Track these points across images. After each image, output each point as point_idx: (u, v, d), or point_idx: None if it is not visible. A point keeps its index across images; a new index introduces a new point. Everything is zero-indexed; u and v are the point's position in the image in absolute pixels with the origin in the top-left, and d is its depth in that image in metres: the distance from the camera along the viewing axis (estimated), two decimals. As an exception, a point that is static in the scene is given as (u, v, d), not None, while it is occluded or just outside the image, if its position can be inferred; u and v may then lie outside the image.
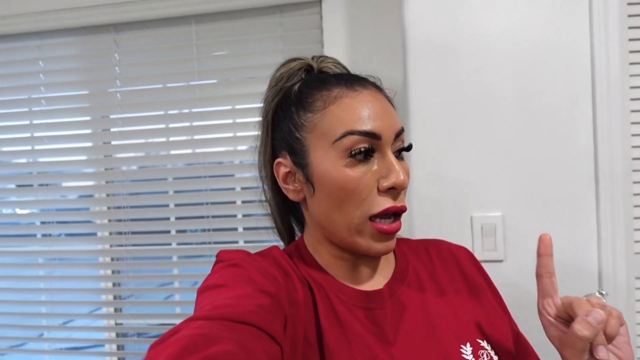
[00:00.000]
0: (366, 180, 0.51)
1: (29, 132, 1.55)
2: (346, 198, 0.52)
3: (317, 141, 0.54)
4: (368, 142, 0.52)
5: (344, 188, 0.51)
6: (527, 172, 0.95)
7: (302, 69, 0.60)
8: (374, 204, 0.52)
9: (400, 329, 0.54)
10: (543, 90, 0.95)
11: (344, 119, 0.52)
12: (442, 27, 0.98)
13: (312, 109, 0.55)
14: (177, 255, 1.50)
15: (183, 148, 1.47)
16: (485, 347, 0.56)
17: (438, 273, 0.63)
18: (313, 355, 0.50)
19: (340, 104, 0.53)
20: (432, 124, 0.98)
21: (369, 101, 0.53)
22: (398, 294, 0.58)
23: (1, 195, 1.65)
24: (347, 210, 0.52)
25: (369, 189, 0.52)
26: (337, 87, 0.55)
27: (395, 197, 0.52)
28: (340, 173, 0.52)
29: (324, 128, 0.53)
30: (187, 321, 0.39)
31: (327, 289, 0.55)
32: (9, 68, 1.54)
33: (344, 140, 0.51)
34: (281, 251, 0.59)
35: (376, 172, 0.52)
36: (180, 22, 1.43)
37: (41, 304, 1.56)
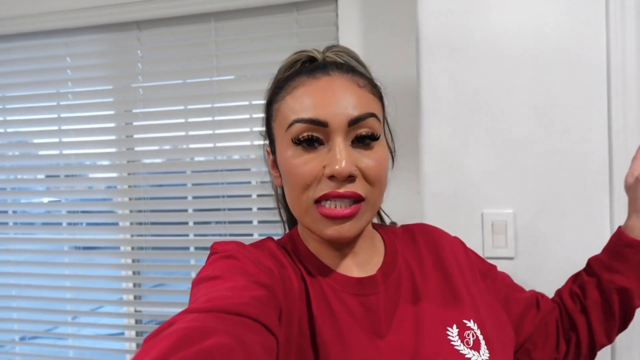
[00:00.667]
0: (310, 167, 0.52)
1: (56, 125, 1.61)
2: (293, 184, 0.53)
3: (278, 130, 0.56)
4: (312, 129, 0.51)
5: (291, 174, 0.53)
6: (540, 170, 0.95)
7: (301, 60, 0.60)
8: (317, 189, 0.52)
9: (391, 315, 0.55)
10: (558, 88, 0.94)
11: (294, 107, 0.53)
12: (456, 24, 0.97)
13: (277, 99, 0.57)
14: (194, 246, 1.55)
15: (201, 142, 1.51)
16: (471, 327, 0.56)
17: (424, 257, 0.63)
18: (307, 347, 0.50)
19: (295, 93, 0.54)
20: (445, 120, 0.98)
21: (322, 88, 0.53)
22: (390, 279, 0.58)
23: (31, 184, 1.72)
24: (295, 195, 0.54)
25: (313, 175, 0.52)
26: (300, 77, 0.55)
27: (341, 184, 0.51)
28: (287, 160, 0.53)
29: (281, 117, 0.55)
30: (182, 314, 0.39)
31: (320, 279, 0.56)
32: (38, 64, 1.61)
33: (291, 129, 0.52)
34: (275, 242, 0.59)
35: (323, 159, 0.52)
36: (200, 20, 1.46)
37: (66, 289, 1.63)
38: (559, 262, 0.94)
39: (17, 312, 1.68)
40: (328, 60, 0.58)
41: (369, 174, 0.52)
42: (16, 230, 1.68)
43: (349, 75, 0.55)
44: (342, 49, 0.62)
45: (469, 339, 0.55)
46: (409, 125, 1.20)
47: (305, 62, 0.61)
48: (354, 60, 0.61)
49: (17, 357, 1.72)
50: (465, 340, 0.55)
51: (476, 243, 0.97)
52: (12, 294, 1.68)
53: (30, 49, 1.61)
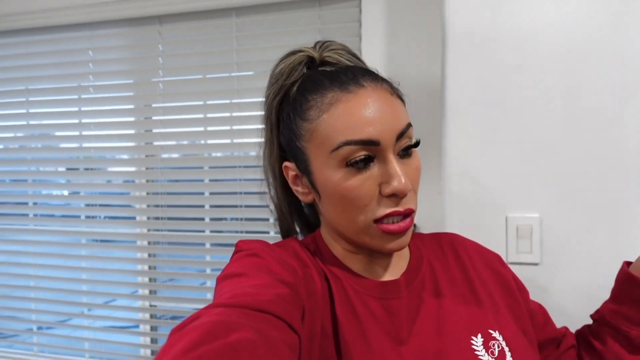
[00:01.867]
0: (366, 187, 0.51)
1: (77, 118, 1.63)
2: (348, 205, 0.52)
3: (316, 150, 0.53)
4: (366, 149, 0.50)
5: (345, 197, 0.51)
6: (569, 173, 0.91)
7: (302, 62, 0.59)
8: (377, 209, 0.51)
9: (414, 321, 0.54)
10: (590, 88, 0.90)
11: (338, 127, 0.50)
12: (484, 20, 0.94)
13: (307, 117, 0.53)
14: (210, 242, 1.54)
15: (220, 138, 1.50)
16: (497, 337, 0.54)
17: (451, 266, 0.62)
18: (329, 347, 0.50)
19: (335, 111, 0.51)
20: (469, 119, 0.95)
21: (364, 104, 0.50)
22: (414, 284, 0.58)
23: (51, 177, 1.75)
24: (350, 216, 0.52)
25: (370, 195, 0.51)
26: (330, 92, 0.52)
27: (398, 201, 0.51)
28: (340, 182, 0.51)
29: (320, 138, 0.52)
30: (207, 308, 0.40)
31: (344, 281, 0.56)
32: (61, 57, 1.62)
33: (341, 151, 0.50)
34: (299, 242, 0.60)
35: (377, 177, 0.51)
36: (221, 15, 1.46)
37: (82, 282, 1.64)
38: (586, 270, 0.90)
39: (34, 302, 1.70)
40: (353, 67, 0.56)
41: (414, 182, 0.53)
42: (35, 222, 1.70)
43: (379, 83, 0.53)
44: (340, 47, 0.60)
45: (493, 349, 0.53)
46: (431, 124, 1.17)
47: (306, 63, 0.59)
48: (354, 59, 0.60)
49: (34, 346, 1.75)
50: (490, 350, 0.53)
51: (500, 248, 0.94)
52: (30, 284, 1.71)
53: (53, 42, 1.62)
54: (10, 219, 1.73)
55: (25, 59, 1.65)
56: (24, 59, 1.66)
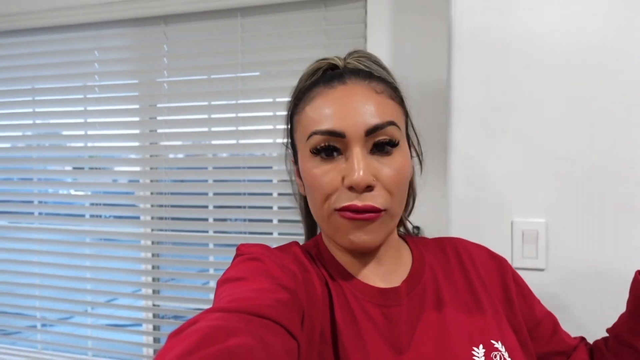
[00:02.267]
0: (330, 177, 0.52)
1: (82, 117, 1.63)
2: (315, 194, 0.54)
3: (299, 141, 0.57)
4: (331, 140, 0.52)
5: (312, 185, 0.54)
6: (576, 178, 0.90)
7: (321, 68, 0.60)
8: (338, 199, 0.52)
9: (414, 330, 0.53)
10: (597, 92, 0.89)
11: (312, 118, 0.53)
12: (491, 22, 0.93)
13: (297, 111, 0.58)
14: (214, 242, 1.54)
15: (224, 138, 1.50)
16: (499, 348, 0.53)
17: (454, 273, 0.61)
18: (328, 353, 0.49)
19: (313, 104, 0.54)
20: (474, 122, 0.94)
21: (339, 98, 0.53)
22: (415, 292, 0.57)
23: (57, 176, 1.75)
24: (317, 204, 0.54)
25: (333, 186, 0.52)
26: (318, 87, 0.55)
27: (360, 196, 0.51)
28: (308, 171, 0.54)
29: (301, 128, 0.56)
30: (206, 312, 0.40)
31: (344, 287, 0.55)
32: (67, 57, 1.63)
33: (310, 140, 0.53)
34: (301, 247, 0.59)
35: (342, 169, 0.52)
36: (226, 15, 1.46)
37: (86, 280, 1.65)
38: (593, 276, 0.89)
39: (39, 300, 1.71)
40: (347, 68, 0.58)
41: (388, 182, 0.52)
42: (41, 221, 1.71)
43: (366, 82, 0.55)
44: (363, 54, 0.61)
45: None
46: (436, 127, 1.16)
47: (327, 69, 0.60)
48: (375, 65, 0.60)
49: (38, 344, 1.75)
50: None
51: (505, 253, 0.92)
52: (35, 282, 1.71)
53: (59, 42, 1.63)
54: (16, 217, 1.74)
55: (31, 58, 1.66)
56: (30, 58, 1.66)
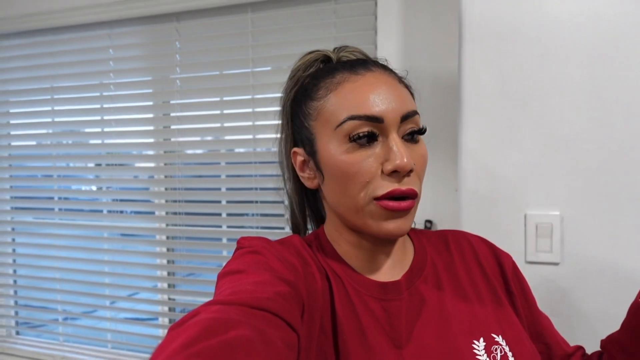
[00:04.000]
0: (369, 164, 0.51)
1: (99, 115, 1.66)
2: (350, 182, 0.52)
3: (322, 128, 0.54)
4: (369, 125, 0.51)
5: (347, 172, 0.51)
6: (593, 169, 0.87)
7: (318, 60, 0.60)
8: (378, 186, 0.51)
9: (414, 324, 0.53)
10: (616, 81, 0.86)
11: (344, 104, 0.52)
12: (503, 9, 0.91)
13: (316, 97, 0.55)
14: (227, 237, 1.56)
15: (237, 134, 1.51)
16: (499, 342, 0.53)
17: (456, 266, 0.60)
18: (327, 346, 0.49)
19: (342, 89, 0.53)
20: (487, 113, 0.92)
21: (371, 84, 0.52)
22: (415, 286, 0.56)
23: (76, 172, 1.79)
24: (352, 193, 0.52)
25: (372, 172, 0.51)
26: (340, 73, 0.54)
27: (400, 180, 0.51)
28: (342, 158, 0.52)
29: (327, 115, 0.54)
30: (206, 305, 0.40)
31: (344, 280, 0.55)
32: (84, 55, 1.66)
33: (345, 126, 0.51)
34: (301, 240, 0.59)
35: (379, 155, 0.51)
36: (236, 11, 1.46)
37: (104, 275, 1.69)
38: (609, 271, 0.86)
39: (60, 294, 1.76)
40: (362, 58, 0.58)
41: (419, 169, 0.53)
42: (61, 216, 1.76)
43: (387, 71, 0.55)
44: (355, 49, 0.62)
45: (496, 354, 0.52)
46: (448, 119, 1.14)
47: (322, 61, 0.60)
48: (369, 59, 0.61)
49: (60, 336, 1.81)
50: (492, 355, 0.51)
51: (518, 246, 0.91)
52: (56, 276, 1.76)
53: (76, 41, 1.66)
54: (38, 213, 1.79)
55: (50, 57, 1.70)
56: (49, 57, 1.70)
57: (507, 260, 0.64)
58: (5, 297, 1.85)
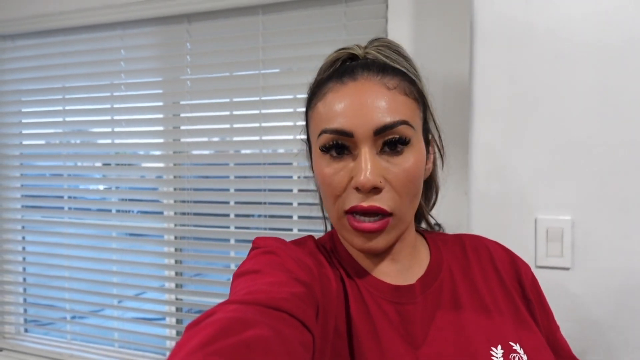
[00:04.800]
0: (339, 177, 0.51)
1: (110, 115, 1.68)
2: (325, 193, 0.53)
3: (312, 137, 0.56)
4: (340, 139, 0.51)
5: (322, 183, 0.53)
6: (605, 174, 0.86)
7: (341, 59, 0.58)
8: (346, 200, 0.51)
9: (429, 328, 0.52)
10: (629, 84, 0.85)
11: (323, 116, 0.52)
12: (515, 10, 0.91)
13: (310, 106, 0.57)
14: (235, 238, 1.56)
15: (246, 135, 1.51)
16: (517, 350, 0.52)
17: (473, 271, 0.59)
18: (342, 347, 0.49)
19: (325, 100, 0.53)
20: (498, 117, 0.92)
21: (349, 95, 0.51)
22: (430, 290, 0.56)
23: (86, 172, 1.81)
24: (328, 204, 0.54)
25: (342, 186, 0.51)
26: (331, 82, 0.54)
27: (367, 197, 0.50)
28: (319, 169, 0.54)
29: (313, 125, 0.55)
30: (223, 304, 0.40)
31: (359, 282, 0.55)
32: (95, 56, 1.68)
33: (321, 138, 0.52)
34: (316, 241, 0.59)
35: (350, 169, 0.51)
36: (247, 12, 1.47)
37: (112, 274, 1.70)
38: (621, 277, 0.85)
39: (68, 292, 1.77)
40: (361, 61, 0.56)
41: (396, 184, 0.50)
42: (70, 215, 1.77)
43: (378, 77, 0.52)
44: (383, 43, 0.59)
45: None
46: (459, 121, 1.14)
47: (346, 60, 0.59)
48: (395, 54, 0.58)
49: (68, 334, 1.82)
50: None
51: (528, 251, 0.91)
52: (65, 275, 1.77)
53: (88, 42, 1.68)
54: (47, 212, 1.80)
55: (61, 57, 1.72)
56: (60, 57, 1.72)
57: (526, 269, 0.63)
58: (14, 294, 1.86)
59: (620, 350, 0.85)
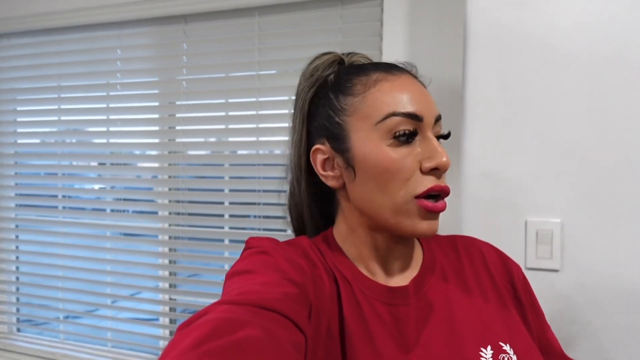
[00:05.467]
0: (409, 161, 0.52)
1: (105, 114, 1.68)
2: (390, 179, 0.52)
3: (359, 123, 0.54)
4: (411, 124, 0.52)
5: (388, 169, 0.52)
6: (594, 177, 0.88)
7: (335, 61, 0.61)
8: (418, 184, 0.52)
9: (421, 328, 0.53)
10: (619, 89, 0.86)
11: (386, 101, 0.53)
12: (508, 16, 0.92)
13: (352, 92, 0.55)
14: (229, 238, 1.56)
15: (241, 136, 1.52)
16: (507, 351, 0.52)
17: (465, 272, 0.60)
18: (335, 348, 0.49)
19: (381, 87, 0.54)
20: (490, 119, 0.93)
21: (409, 84, 0.54)
22: (423, 291, 0.56)
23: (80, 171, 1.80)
24: (391, 190, 0.52)
25: (412, 170, 0.52)
26: (375, 72, 0.56)
27: (439, 177, 0.53)
28: (383, 154, 0.52)
29: (366, 110, 0.53)
30: (215, 305, 0.40)
31: (352, 283, 0.55)
32: (91, 55, 1.68)
33: (387, 122, 0.52)
34: (310, 241, 0.59)
35: (419, 153, 0.52)
36: (244, 14, 1.48)
37: (106, 274, 1.69)
38: (609, 279, 0.87)
39: (62, 292, 1.76)
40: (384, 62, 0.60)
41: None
42: (64, 214, 1.77)
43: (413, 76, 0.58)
44: (365, 56, 0.64)
45: None
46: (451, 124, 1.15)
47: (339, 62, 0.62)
48: None
49: (61, 334, 1.81)
50: None
51: (518, 252, 0.92)
52: (58, 274, 1.77)
53: (84, 41, 1.68)
54: (41, 211, 1.80)
55: (57, 57, 1.72)
56: (56, 57, 1.72)
57: (517, 271, 0.64)
58: (7, 294, 1.86)
59: (609, 351, 0.87)
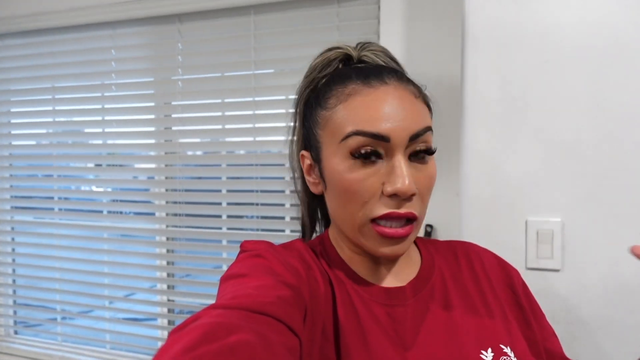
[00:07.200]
0: (369, 183, 0.49)
1: (100, 115, 1.66)
2: (349, 199, 0.50)
3: (328, 139, 0.53)
4: (374, 144, 0.49)
5: (347, 189, 0.50)
6: (594, 176, 0.87)
7: (337, 59, 0.58)
8: (375, 207, 0.50)
9: (419, 330, 0.52)
10: (618, 87, 0.86)
11: (352, 117, 0.50)
12: (507, 15, 0.91)
13: (326, 105, 0.53)
14: (227, 239, 1.55)
15: (238, 136, 1.51)
16: (508, 353, 0.52)
17: (464, 277, 0.60)
18: (329, 350, 0.49)
19: (352, 101, 0.51)
20: (489, 119, 0.92)
21: (382, 99, 0.50)
22: (422, 293, 0.56)
23: (76, 172, 1.79)
24: (350, 211, 0.51)
25: (372, 192, 0.49)
26: (353, 83, 0.52)
27: (400, 203, 0.49)
28: (343, 173, 0.50)
29: (333, 126, 0.52)
30: (208, 309, 0.40)
31: (348, 285, 0.54)
32: (86, 56, 1.66)
33: (349, 141, 0.49)
34: (305, 244, 0.58)
35: (382, 175, 0.49)
36: (239, 13, 1.46)
37: (104, 275, 1.68)
38: (609, 278, 0.86)
39: (59, 294, 1.75)
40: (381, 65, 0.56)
41: (422, 190, 0.51)
42: (60, 216, 1.75)
43: (404, 84, 0.52)
44: (379, 49, 0.59)
45: None
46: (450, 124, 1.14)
47: (342, 60, 0.58)
48: (393, 63, 0.59)
49: (58, 336, 1.80)
50: None
51: (519, 252, 0.91)
52: (56, 276, 1.76)
53: (78, 41, 1.66)
54: (38, 213, 1.79)
55: (51, 57, 1.70)
56: (50, 57, 1.70)
57: (517, 276, 0.64)
58: (3, 296, 1.84)
59: (610, 351, 0.86)
